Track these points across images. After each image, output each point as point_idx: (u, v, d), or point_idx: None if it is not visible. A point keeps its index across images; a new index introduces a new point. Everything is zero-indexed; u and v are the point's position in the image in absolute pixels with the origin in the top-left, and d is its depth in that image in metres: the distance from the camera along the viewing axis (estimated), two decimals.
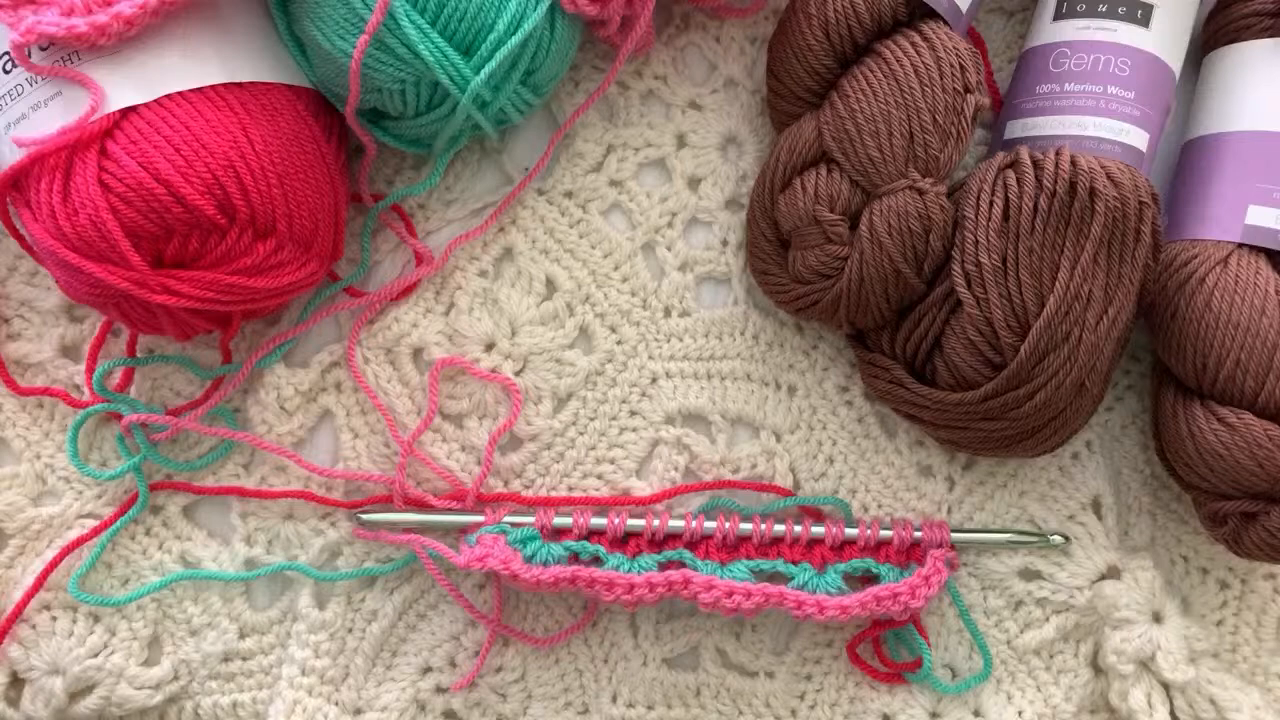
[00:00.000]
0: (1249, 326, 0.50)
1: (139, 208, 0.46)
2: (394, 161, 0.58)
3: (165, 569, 0.57)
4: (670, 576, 0.53)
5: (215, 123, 0.47)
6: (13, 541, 0.56)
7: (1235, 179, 0.53)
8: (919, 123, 0.50)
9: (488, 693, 0.57)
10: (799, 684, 0.57)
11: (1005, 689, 0.57)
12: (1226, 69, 0.55)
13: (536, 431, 0.57)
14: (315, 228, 0.51)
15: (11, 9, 0.46)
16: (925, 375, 0.53)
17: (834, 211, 0.51)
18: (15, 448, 0.57)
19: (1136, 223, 0.50)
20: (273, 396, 0.56)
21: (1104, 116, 0.52)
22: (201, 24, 0.49)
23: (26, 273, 0.57)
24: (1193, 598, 0.58)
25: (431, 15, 0.48)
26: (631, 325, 0.58)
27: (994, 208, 0.51)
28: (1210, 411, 0.51)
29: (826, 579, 0.54)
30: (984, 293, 0.50)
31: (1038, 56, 0.55)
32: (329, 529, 0.57)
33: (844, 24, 0.52)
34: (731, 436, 0.58)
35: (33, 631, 0.55)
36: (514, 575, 0.52)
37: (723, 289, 0.58)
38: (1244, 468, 0.50)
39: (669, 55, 0.59)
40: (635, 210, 0.58)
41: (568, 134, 0.58)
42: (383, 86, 0.50)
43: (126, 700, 0.55)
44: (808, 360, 0.58)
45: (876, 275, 0.51)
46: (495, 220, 0.58)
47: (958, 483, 0.58)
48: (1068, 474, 0.57)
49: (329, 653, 0.56)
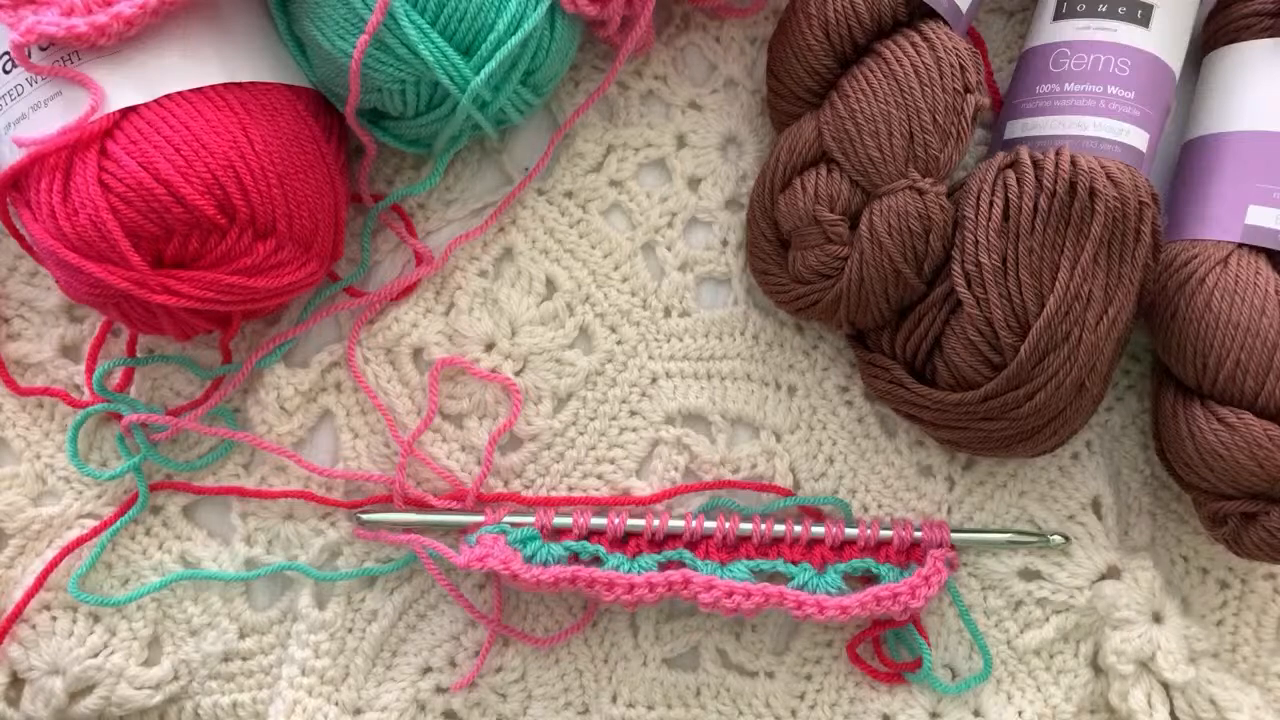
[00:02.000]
0: (1249, 326, 0.50)
1: (139, 208, 0.46)
2: (394, 161, 0.58)
3: (165, 569, 0.57)
4: (670, 576, 0.53)
5: (215, 123, 0.47)
6: (13, 541, 0.56)
7: (1235, 179, 0.53)
8: (919, 123, 0.50)
9: (488, 693, 0.57)
10: (799, 684, 0.57)
11: (1005, 689, 0.57)
12: (1226, 69, 0.55)
13: (536, 431, 0.57)
14: (315, 228, 0.51)
15: (11, 9, 0.46)
16: (925, 375, 0.53)
17: (834, 211, 0.51)
18: (15, 448, 0.57)
19: (1136, 223, 0.50)
20: (273, 396, 0.56)
21: (1104, 116, 0.52)
22: (201, 24, 0.49)
23: (26, 273, 0.57)
24: (1193, 598, 0.58)
25: (431, 15, 0.49)
26: (631, 325, 0.58)
27: (994, 208, 0.51)
28: (1210, 411, 0.51)
29: (826, 579, 0.54)
30: (984, 293, 0.50)
31: (1038, 56, 0.55)
32: (329, 529, 0.57)
33: (844, 24, 0.52)
34: (731, 436, 0.58)
35: (33, 631, 0.55)
36: (514, 575, 0.52)
37: (723, 289, 0.58)
38: (1244, 468, 0.50)
39: (669, 55, 0.59)
40: (635, 210, 0.58)
41: (568, 134, 0.58)
42: (383, 86, 0.50)
43: (126, 700, 0.55)
44: (808, 360, 0.58)
45: (876, 275, 0.51)
46: (495, 220, 0.58)
47: (958, 483, 0.58)
48: (1068, 474, 0.57)
49: (329, 653, 0.56)
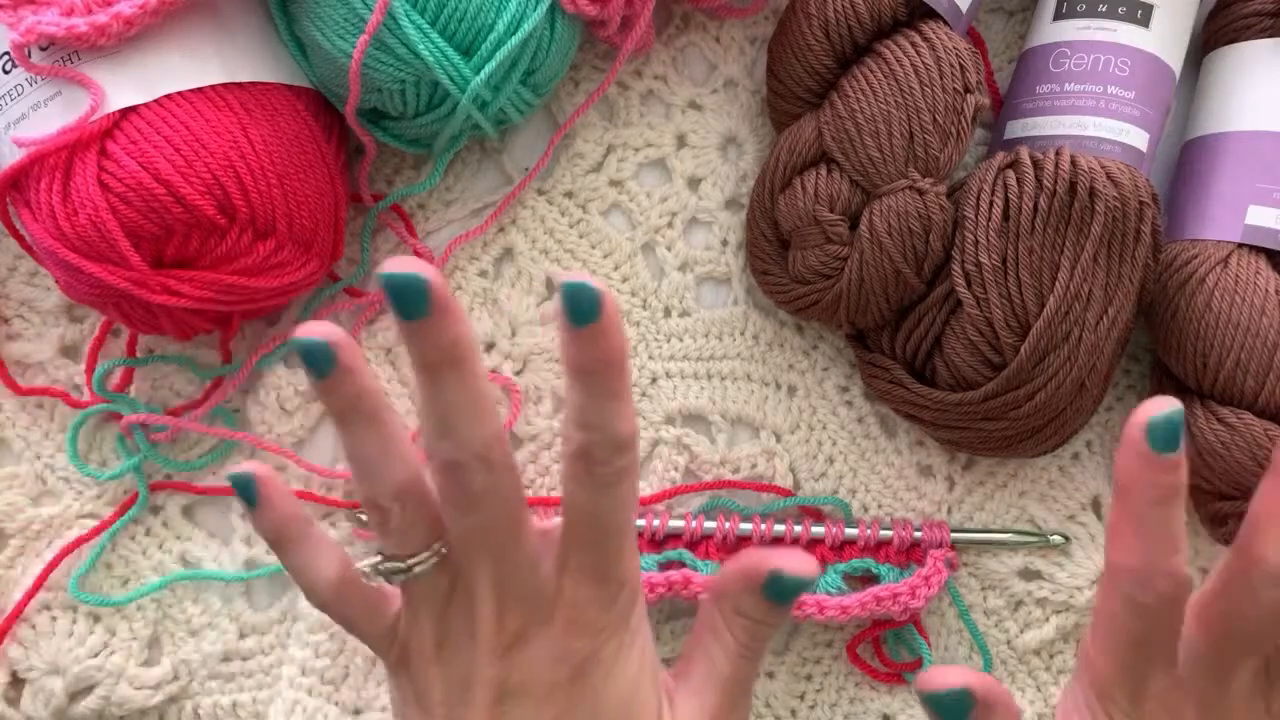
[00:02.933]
0: (1249, 326, 0.50)
1: (139, 208, 0.46)
2: (394, 161, 0.58)
3: (165, 569, 0.57)
4: (670, 576, 0.53)
5: (215, 123, 0.47)
6: (13, 541, 0.56)
7: (1235, 179, 0.53)
8: (919, 123, 0.50)
9: None
10: (799, 684, 0.57)
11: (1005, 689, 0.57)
12: (1226, 69, 0.55)
13: (536, 431, 0.57)
14: (315, 228, 0.51)
15: (11, 9, 0.46)
16: (925, 375, 0.53)
17: (834, 211, 0.51)
18: (15, 448, 0.57)
19: (1136, 223, 0.50)
20: (273, 396, 0.56)
21: (1104, 116, 0.52)
22: (201, 24, 0.49)
23: (26, 273, 0.57)
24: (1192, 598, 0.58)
25: (431, 15, 0.49)
26: (631, 325, 0.58)
27: (994, 208, 0.51)
28: (1210, 411, 0.51)
29: (826, 579, 0.54)
30: (984, 293, 0.50)
31: (1038, 56, 0.55)
32: (329, 529, 0.57)
33: (844, 24, 0.52)
34: (731, 436, 0.58)
35: (33, 631, 0.55)
36: None
37: (723, 289, 0.58)
38: (1244, 468, 0.50)
39: (669, 55, 0.59)
40: (635, 210, 0.58)
41: (568, 134, 0.58)
42: (383, 86, 0.50)
43: (126, 700, 0.55)
44: (808, 360, 0.58)
45: (876, 275, 0.51)
46: (495, 220, 0.58)
47: (958, 483, 0.58)
48: (1068, 474, 0.57)
49: (329, 653, 0.56)
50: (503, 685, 0.36)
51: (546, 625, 0.37)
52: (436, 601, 0.38)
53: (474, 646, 0.37)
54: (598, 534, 0.36)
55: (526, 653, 0.37)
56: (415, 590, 0.38)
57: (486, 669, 0.36)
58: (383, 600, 0.39)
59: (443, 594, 0.37)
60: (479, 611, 0.37)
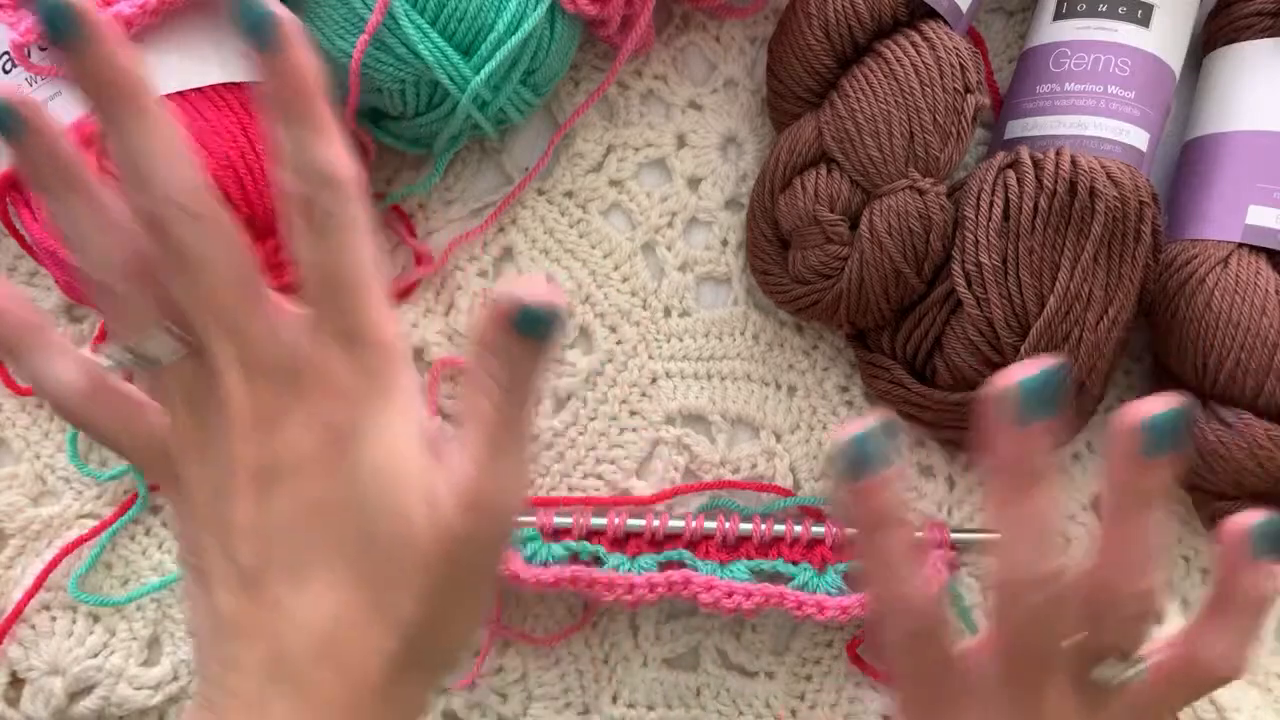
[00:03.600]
0: (1249, 326, 0.50)
1: None
2: (394, 161, 0.58)
3: (165, 569, 0.57)
4: (670, 576, 0.53)
5: (215, 123, 0.47)
6: (13, 541, 0.56)
7: (1235, 179, 0.53)
8: (919, 123, 0.50)
9: (488, 693, 0.57)
10: (799, 684, 0.57)
11: None
12: (1226, 69, 0.55)
13: (536, 431, 0.57)
14: None
15: (11, 9, 0.46)
16: (925, 375, 0.53)
17: (834, 211, 0.51)
18: (15, 448, 0.57)
19: (1136, 223, 0.50)
20: None
21: (1104, 116, 0.52)
22: (201, 24, 0.49)
23: (26, 273, 0.57)
24: (1193, 598, 0.58)
25: (431, 15, 0.49)
26: (631, 325, 0.58)
27: (994, 208, 0.51)
28: (1210, 412, 0.51)
29: (826, 579, 0.54)
30: (984, 293, 0.50)
31: (1038, 56, 0.55)
32: None
33: (844, 24, 0.52)
34: (731, 436, 0.58)
35: (32, 631, 0.55)
36: (514, 575, 0.52)
37: (723, 289, 0.58)
38: (1244, 468, 0.50)
39: (669, 55, 0.59)
40: (635, 210, 0.58)
41: (568, 134, 0.58)
42: (383, 86, 0.50)
43: (126, 700, 0.55)
44: (808, 360, 0.58)
45: (876, 275, 0.51)
46: (495, 220, 0.58)
47: (958, 483, 0.58)
48: (1068, 474, 0.57)
49: None
50: (263, 466, 0.34)
51: (301, 399, 0.34)
52: (185, 390, 0.35)
53: (229, 430, 0.34)
54: (331, 290, 0.34)
55: (284, 429, 0.34)
56: (165, 383, 0.35)
57: (243, 451, 0.34)
58: (138, 409, 0.37)
59: (190, 381, 0.35)
60: (225, 389, 0.34)
